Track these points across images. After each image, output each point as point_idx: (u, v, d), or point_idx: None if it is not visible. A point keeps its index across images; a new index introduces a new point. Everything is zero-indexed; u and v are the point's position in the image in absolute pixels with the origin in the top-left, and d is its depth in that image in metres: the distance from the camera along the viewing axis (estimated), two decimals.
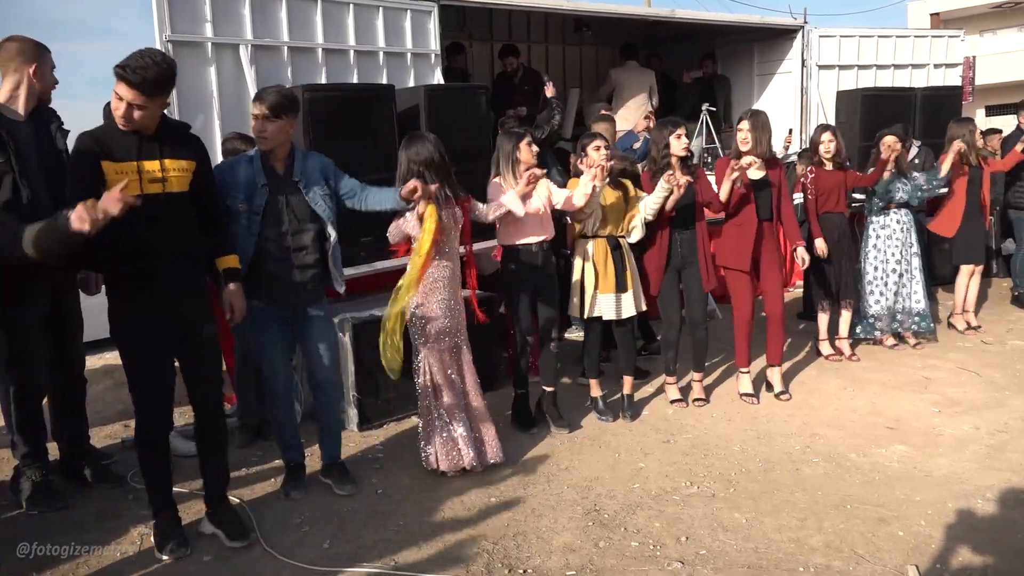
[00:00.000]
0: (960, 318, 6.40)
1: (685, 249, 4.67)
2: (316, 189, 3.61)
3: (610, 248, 4.49)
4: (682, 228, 4.65)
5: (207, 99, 4.87)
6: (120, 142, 2.99)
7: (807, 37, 8.15)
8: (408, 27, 5.69)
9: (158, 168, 3.04)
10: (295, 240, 3.57)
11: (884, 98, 7.65)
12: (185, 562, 3.17)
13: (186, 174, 3.14)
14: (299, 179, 3.58)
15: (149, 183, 3.01)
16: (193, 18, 4.80)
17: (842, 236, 5.66)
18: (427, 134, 3.99)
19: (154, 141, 3.05)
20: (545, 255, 4.41)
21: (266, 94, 3.52)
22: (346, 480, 3.84)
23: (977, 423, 4.41)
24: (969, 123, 6.28)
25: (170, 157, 3.08)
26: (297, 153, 3.65)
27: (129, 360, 3.17)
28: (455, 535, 3.33)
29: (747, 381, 4.97)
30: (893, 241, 5.81)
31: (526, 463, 4.06)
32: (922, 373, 5.32)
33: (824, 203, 5.60)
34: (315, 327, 3.73)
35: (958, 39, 9.02)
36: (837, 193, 5.61)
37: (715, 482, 3.77)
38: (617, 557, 3.12)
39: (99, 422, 4.74)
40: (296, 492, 3.75)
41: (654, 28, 8.46)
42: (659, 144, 4.59)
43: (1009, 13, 25.97)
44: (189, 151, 3.18)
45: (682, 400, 4.84)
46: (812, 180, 5.63)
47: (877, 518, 3.37)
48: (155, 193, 3.02)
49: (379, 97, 5.05)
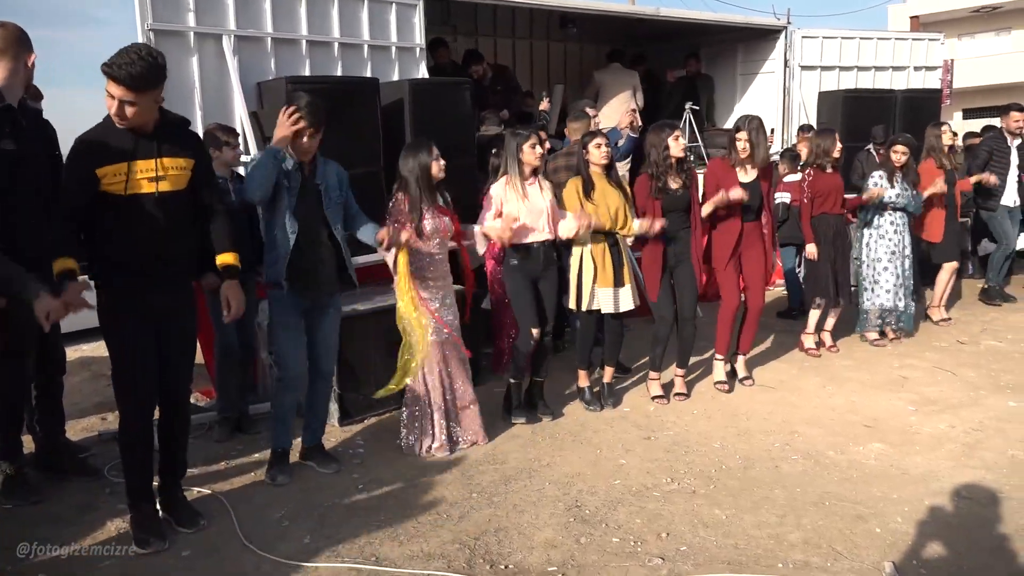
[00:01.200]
0: (936, 310, 6.64)
1: (678, 248, 4.75)
2: (332, 195, 3.78)
3: (608, 244, 4.56)
4: (675, 230, 4.72)
5: (189, 90, 4.83)
6: (116, 141, 2.96)
7: (790, 38, 8.22)
8: (393, 20, 5.67)
9: (154, 167, 3.01)
10: (316, 235, 3.73)
11: (865, 99, 7.74)
12: (164, 556, 3.14)
13: (184, 172, 3.11)
14: (320, 182, 3.73)
15: (145, 182, 2.99)
16: (176, 7, 4.75)
17: (837, 236, 5.75)
18: (424, 141, 4.10)
19: (152, 139, 3.02)
20: (547, 252, 4.47)
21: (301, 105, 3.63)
22: (329, 460, 3.98)
23: (953, 422, 4.47)
24: (939, 128, 6.44)
25: (168, 156, 3.05)
26: (319, 157, 3.78)
27: (118, 357, 3.14)
28: (436, 530, 3.32)
29: (720, 368, 5.12)
30: (884, 242, 5.90)
31: (508, 459, 4.07)
32: (899, 372, 5.38)
33: (821, 205, 5.70)
34: (329, 319, 3.89)
35: (938, 42, 9.12)
36: (835, 196, 5.72)
37: (695, 479, 3.80)
38: (598, 553, 3.13)
39: (76, 415, 4.69)
40: (283, 477, 3.82)
41: (638, 26, 8.47)
42: (658, 147, 4.63)
43: (987, 17, 26.32)
44: (188, 149, 3.15)
45: (663, 397, 4.89)
46: (810, 183, 5.72)
47: (855, 515, 3.41)
48: (149, 192, 3.01)
49: (363, 90, 5.03)
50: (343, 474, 3.90)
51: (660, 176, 4.63)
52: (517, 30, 9.49)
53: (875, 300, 5.96)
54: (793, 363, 5.64)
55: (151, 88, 2.94)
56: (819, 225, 5.71)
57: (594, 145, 4.54)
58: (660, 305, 4.82)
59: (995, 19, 26.39)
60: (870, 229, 5.98)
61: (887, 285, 5.92)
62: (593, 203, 4.49)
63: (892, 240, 5.92)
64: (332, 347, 3.96)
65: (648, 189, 4.66)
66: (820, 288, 5.80)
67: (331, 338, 3.93)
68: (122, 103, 2.89)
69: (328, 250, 3.79)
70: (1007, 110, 7.10)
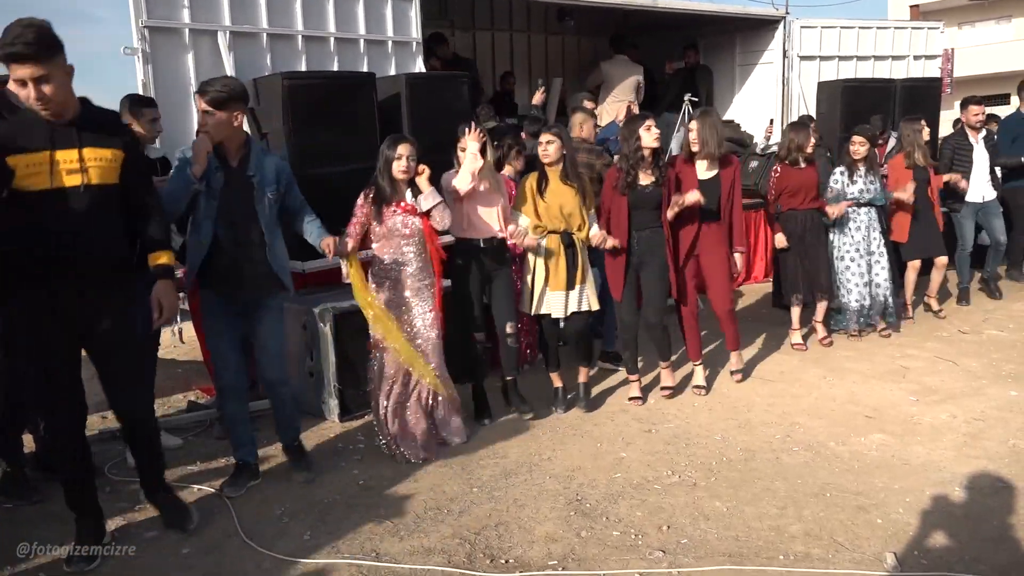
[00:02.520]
0: (934, 300, 6.45)
1: (643, 248, 4.53)
2: (267, 190, 3.53)
3: (563, 245, 4.38)
4: (641, 228, 4.52)
5: (184, 86, 4.82)
6: (31, 131, 2.75)
7: (789, 28, 8.19)
8: (389, 15, 5.66)
9: (76, 158, 2.80)
10: (244, 233, 3.49)
11: (864, 89, 7.71)
12: (164, 555, 3.14)
13: (111, 164, 2.89)
14: (253, 174, 3.50)
15: (66, 174, 2.79)
16: (170, 3, 4.74)
17: (807, 232, 5.57)
18: (400, 137, 3.96)
19: (71, 127, 2.81)
20: (496, 250, 4.34)
21: (208, 87, 3.40)
22: (302, 467, 3.82)
23: (954, 412, 4.46)
24: (917, 122, 6.13)
25: (90, 146, 2.83)
26: (254, 148, 3.56)
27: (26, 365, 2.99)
28: (436, 525, 3.32)
29: (699, 373, 4.92)
30: (848, 239, 5.71)
31: (508, 453, 4.06)
32: (900, 362, 5.37)
33: (790, 200, 5.53)
34: (266, 325, 3.64)
35: (937, 31, 9.10)
36: (805, 192, 5.52)
37: (696, 471, 3.79)
38: (599, 547, 3.12)
39: None
40: (231, 491, 3.61)
41: (636, 17, 8.44)
42: (630, 139, 4.45)
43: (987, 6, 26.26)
44: (115, 140, 2.93)
45: (640, 398, 4.71)
46: (777, 179, 5.54)
47: (856, 506, 3.40)
48: (73, 186, 2.80)
49: (360, 85, 5.01)
50: (343, 470, 3.90)
51: (630, 170, 4.42)
52: (514, 23, 9.47)
53: (842, 299, 5.78)
54: (793, 355, 5.63)
55: (54, 55, 2.70)
56: (787, 222, 5.55)
57: (547, 141, 4.35)
58: (622, 308, 4.64)
59: (995, 7, 26.33)
60: (834, 227, 5.75)
61: (850, 285, 5.73)
62: (545, 202, 4.36)
63: (855, 238, 5.71)
64: (274, 354, 3.70)
65: (615, 182, 4.49)
66: (790, 285, 5.66)
67: (271, 344, 3.68)
68: (34, 82, 2.67)
69: (258, 249, 3.53)
70: (965, 104, 6.76)
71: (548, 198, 4.37)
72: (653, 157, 4.47)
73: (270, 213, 3.55)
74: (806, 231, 5.58)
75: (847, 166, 5.72)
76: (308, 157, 4.65)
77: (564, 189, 4.38)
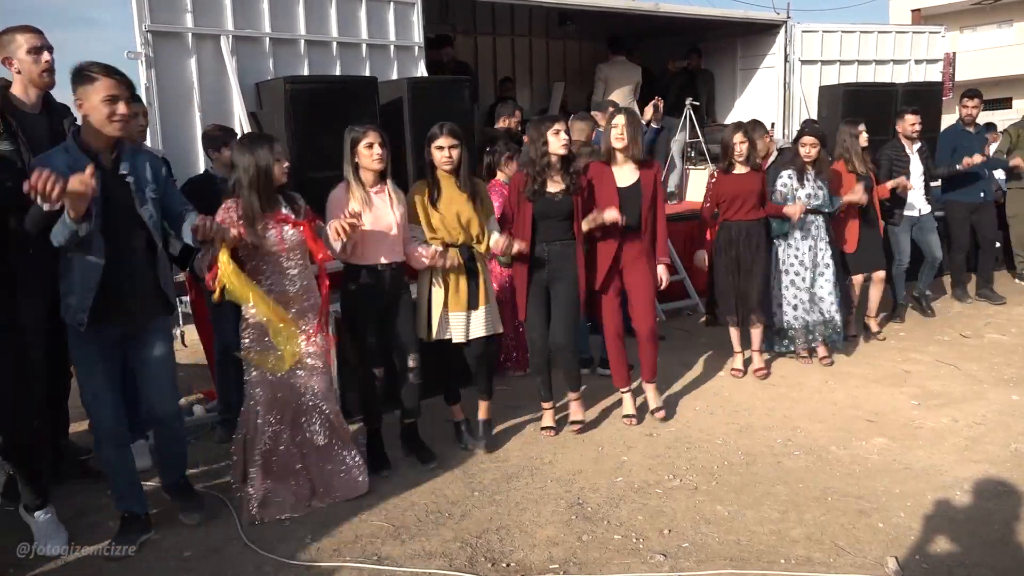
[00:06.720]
0: (873, 320, 6.01)
1: (553, 262, 4.12)
2: (146, 190, 3.09)
3: (463, 260, 3.92)
4: (551, 241, 4.12)
5: (187, 91, 4.83)
6: None
7: (790, 32, 8.20)
8: (391, 19, 5.67)
9: None
10: (125, 242, 3.02)
11: (865, 93, 7.71)
12: (165, 557, 3.14)
13: None
14: (128, 175, 3.06)
15: None
16: (173, 8, 4.75)
17: (742, 245, 5.03)
18: (266, 136, 3.56)
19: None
20: (394, 276, 3.82)
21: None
22: (191, 508, 3.40)
23: (956, 416, 4.46)
24: (855, 126, 5.64)
25: None
26: (125, 146, 3.10)
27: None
28: (438, 529, 3.32)
29: (628, 401, 4.51)
30: (792, 251, 5.24)
31: (509, 457, 4.06)
32: (902, 367, 5.37)
33: (727, 210, 5.02)
34: (155, 352, 3.18)
35: (939, 35, 9.10)
36: (744, 200, 4.98)
37: (697, 475, 3.79)
38: (600, 550, 3.13)
39: (76, 417, 4.66)
40: (121, 549, 3.11)
41: (638, 22, 8.46)
42: (536, 142, 4.02)
43: (989, 10, 26.29)
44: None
45: (553, 429, 4.33)
46: (712, 186, 5.06)
47: (857, 510, 3.40)
48: None
49: (362, 89, 5.02)
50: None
51: (537, 176, 4.04)
52: (516, 28, 9.49)
53: (784, 318, 5.29)
54: (793, 359, 5.62)
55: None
56: (723, 234, 5.04)
57: (436, 147, 3.85)
58: (530, 328, 4.24)
59: (997, 11, 26.36)
60: (779, 238, 5.23)
61: (795, 301, 5.25)
62: (439, 212, 3.88)
63: (801, 249, 5.21)
64: (166, 387, 3.23)
65: (521, 187, 4.10)
66: (724, 305, 5.15)
67: (162, 376, 3.20)
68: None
69: (142, 261, 3.06)
70: (901, 114, 6.33)
71: (442, 207, 3.88)
72: (563, 164, 4.08)
73: (156, 217, 3.12)
74: (740, 245, 5.04)
75: (796, 169, 5.19)
76: (310, 161, 4.65)
77: (458, 197, 3.90)
